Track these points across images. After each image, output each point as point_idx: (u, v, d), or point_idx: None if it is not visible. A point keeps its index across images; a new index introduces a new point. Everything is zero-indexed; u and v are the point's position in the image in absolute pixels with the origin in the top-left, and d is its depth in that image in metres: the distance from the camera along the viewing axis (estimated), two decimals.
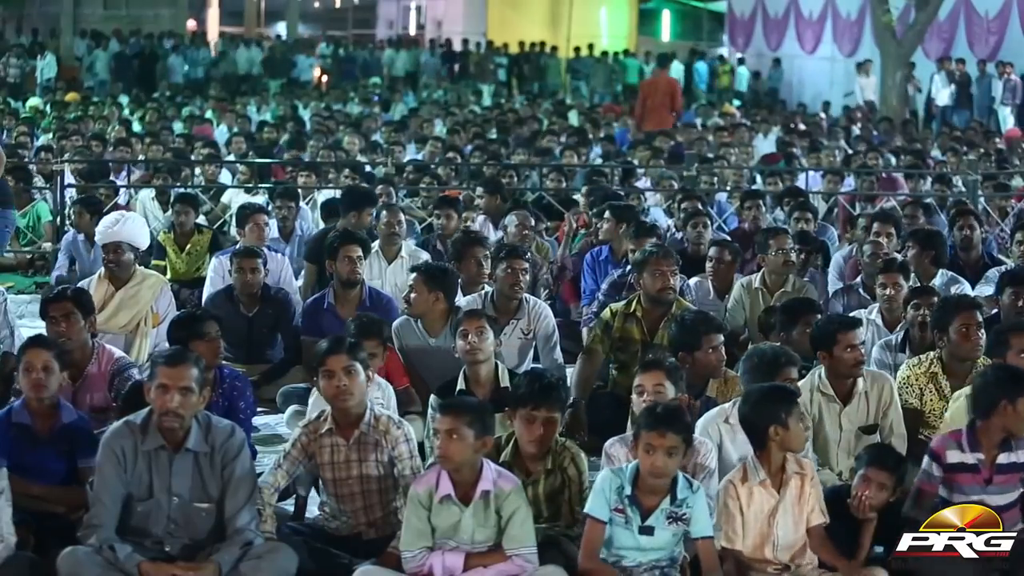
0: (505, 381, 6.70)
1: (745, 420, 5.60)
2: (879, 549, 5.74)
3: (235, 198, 12.59)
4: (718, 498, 5.55)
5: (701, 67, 31.56)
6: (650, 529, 5.32)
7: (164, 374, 5.39)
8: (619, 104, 26.67)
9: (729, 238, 10.09)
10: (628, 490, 5.32)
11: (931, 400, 6.78)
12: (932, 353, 6.87)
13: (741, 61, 32.02)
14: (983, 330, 6.73)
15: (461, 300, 7.91)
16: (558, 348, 7.86)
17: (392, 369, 7.22)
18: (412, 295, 7.65)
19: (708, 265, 9.03)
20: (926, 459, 5.81)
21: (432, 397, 6.59)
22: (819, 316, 7.05)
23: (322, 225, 11.13)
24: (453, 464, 5.33)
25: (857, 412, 6.43)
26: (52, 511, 5.76)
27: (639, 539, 5.34)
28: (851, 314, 7.94)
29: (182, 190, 12.02)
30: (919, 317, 7.32)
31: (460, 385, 6.70)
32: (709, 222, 10.03)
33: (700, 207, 10.64)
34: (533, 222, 9.97)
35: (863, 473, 5.67)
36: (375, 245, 9.27)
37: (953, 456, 5.74)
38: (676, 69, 31.17)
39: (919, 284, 8.07)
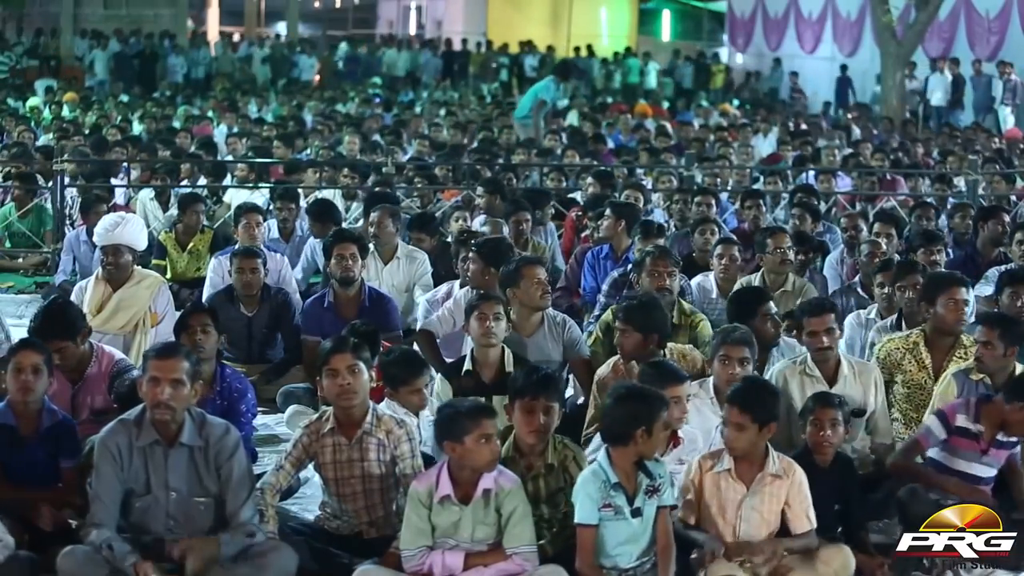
0: (510, 366, 6.78)
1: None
2: None
3: (236, 197, 12.57)
4: (686, 471, 5.65)
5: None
6: (639, 511, 5.35)
7: (154, 367, 5.42)
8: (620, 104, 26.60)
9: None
10: (613, 477, 5.33)
11: (911, 370, 6.95)
12: (915, 330, 7.05)
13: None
14: (968, 306, 6.95)
15: None
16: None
17: None
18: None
19: (716, 263, 8.87)
20: (933, 418, 6.14)
21: (438, 380, 6.81)
22: (769, 305, 7.16)
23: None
24: (495, 467, 5.36)
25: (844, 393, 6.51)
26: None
27: (633, 523, 5.35)
28: (849, 315, 7.97)
29: (185, 190, 11.99)
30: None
31: (468, 366, 6.82)
32: (717, 228, 9.92)
33: (709, 213, 10.59)
34: (531, 222, 9.97)
35: (812, 417, 5.82)
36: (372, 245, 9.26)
37: (961, 420, 6.03)
38: (684, 69, 31.26)
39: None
